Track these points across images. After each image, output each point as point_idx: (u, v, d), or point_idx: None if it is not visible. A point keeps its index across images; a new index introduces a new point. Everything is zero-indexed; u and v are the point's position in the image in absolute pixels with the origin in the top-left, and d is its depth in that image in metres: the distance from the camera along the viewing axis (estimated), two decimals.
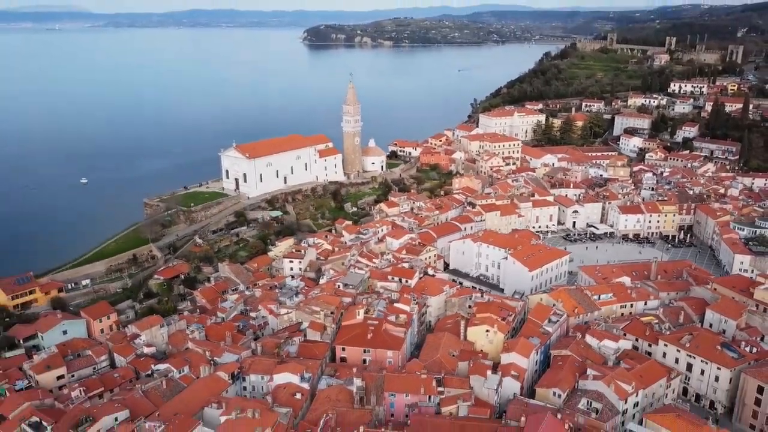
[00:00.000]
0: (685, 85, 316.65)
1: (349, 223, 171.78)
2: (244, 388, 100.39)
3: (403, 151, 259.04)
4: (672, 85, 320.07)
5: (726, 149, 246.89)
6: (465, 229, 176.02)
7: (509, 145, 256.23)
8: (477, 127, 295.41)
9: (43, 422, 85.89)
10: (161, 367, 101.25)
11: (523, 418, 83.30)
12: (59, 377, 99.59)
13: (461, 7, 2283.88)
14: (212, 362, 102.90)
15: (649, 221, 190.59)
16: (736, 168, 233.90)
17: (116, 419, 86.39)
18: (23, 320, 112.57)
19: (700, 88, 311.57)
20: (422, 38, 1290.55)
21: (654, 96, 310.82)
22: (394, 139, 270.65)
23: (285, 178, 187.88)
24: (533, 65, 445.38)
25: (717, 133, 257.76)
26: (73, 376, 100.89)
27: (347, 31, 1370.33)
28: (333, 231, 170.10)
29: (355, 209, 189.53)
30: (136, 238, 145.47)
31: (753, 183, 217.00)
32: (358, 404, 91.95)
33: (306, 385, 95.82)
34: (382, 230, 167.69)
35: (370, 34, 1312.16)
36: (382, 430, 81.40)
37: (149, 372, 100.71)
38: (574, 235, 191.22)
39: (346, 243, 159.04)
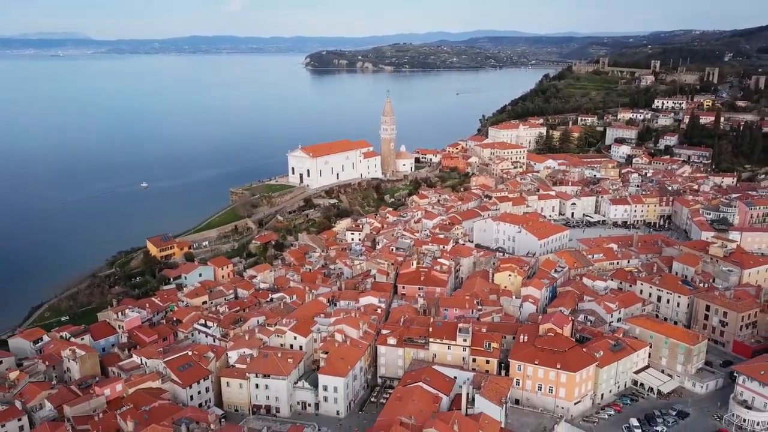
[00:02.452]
0: (667, 102, 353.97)
1: (390, 209, 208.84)
2: None
3: (425, 157, 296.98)
4: (656, 101, 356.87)
5: (700, 154, 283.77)
6: (483, 215, 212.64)
7: (516, 152, 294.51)
8: (486, 138, 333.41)
9: (207, 323, 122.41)
10: (276, 295, 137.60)
11: (540, 317, 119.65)
12: (204, 302, 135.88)
13: (458, 33, 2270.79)
14: (311, 294, 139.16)
15: (635, 211, 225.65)
16: (709, 169, 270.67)
17: (258, 321, 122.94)
18: (168, 266, 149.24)
19: (680, 104, 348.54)
20: (422, 63, 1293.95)
21: (640, 111, 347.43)
22: (412, 148, 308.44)
23: (337, 174, 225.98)
24: (533, 86, 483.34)
25: (693, 141, 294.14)
26: (211, 302, 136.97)
27: (348, 56, 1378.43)
28: (377, 215, 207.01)
29: (392, 200, 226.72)
30: (232, 214, 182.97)
31: (722, 181, 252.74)
32: (421, 315, 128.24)
33: (383, 305, 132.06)
34: (418, 214, 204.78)
35: (371, 59, 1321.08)
36: (445, 321, 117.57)
37: (268, 299, 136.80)
38: (573, 222, 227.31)
39: (391, 222, 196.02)
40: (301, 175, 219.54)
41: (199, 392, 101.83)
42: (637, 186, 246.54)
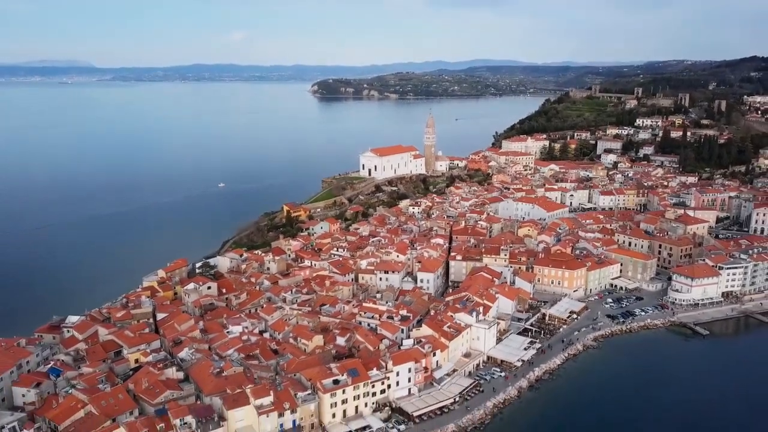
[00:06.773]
0: (647, 121, 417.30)
1: (435, 195, 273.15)
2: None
3: (452, 163, 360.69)
4: (637, 120, 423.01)
5: (671, 160, 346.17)
6: (505, 200, 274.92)
7: (525, 159, 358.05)
8: (500, 148, 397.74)
9: (339, 249, 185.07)
10: (374, 239, 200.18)
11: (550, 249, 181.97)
12: (327, 245, 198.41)
13: (456, 62, 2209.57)
14: (397, 238, 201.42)
15: (618, 200, 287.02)
16: (677, 171, 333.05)
17: (371, 248, 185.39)
18: (299, 222, 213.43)
19: (657, 122, 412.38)
20: (425, 91, 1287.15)
21: (625, 128, 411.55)
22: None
23: (395, 170, 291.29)
24: (534, 110, 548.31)
25: (665, 150, 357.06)
26: (334, 242, 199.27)
27: (355, 84, 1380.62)
28: (427, 197, 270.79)
29: (435, 189, 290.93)
30: (329, 194, 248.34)
31: (687, 180, 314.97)
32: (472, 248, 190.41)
33: (446, 244, 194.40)
34: (457, 198, 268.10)
35: (376, 87, 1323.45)
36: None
37: (370, 241, 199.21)
38: (571, 209, 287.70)
39: (438, 202, 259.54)
40: (369, 170, 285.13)
41: (349, 279, 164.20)
42: (621, 182, 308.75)
